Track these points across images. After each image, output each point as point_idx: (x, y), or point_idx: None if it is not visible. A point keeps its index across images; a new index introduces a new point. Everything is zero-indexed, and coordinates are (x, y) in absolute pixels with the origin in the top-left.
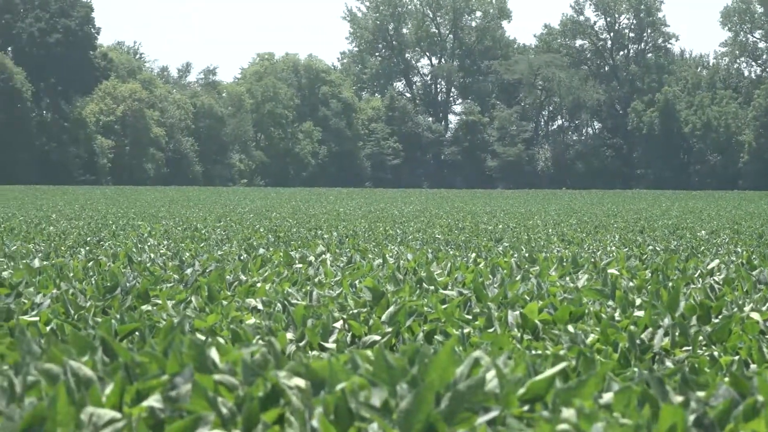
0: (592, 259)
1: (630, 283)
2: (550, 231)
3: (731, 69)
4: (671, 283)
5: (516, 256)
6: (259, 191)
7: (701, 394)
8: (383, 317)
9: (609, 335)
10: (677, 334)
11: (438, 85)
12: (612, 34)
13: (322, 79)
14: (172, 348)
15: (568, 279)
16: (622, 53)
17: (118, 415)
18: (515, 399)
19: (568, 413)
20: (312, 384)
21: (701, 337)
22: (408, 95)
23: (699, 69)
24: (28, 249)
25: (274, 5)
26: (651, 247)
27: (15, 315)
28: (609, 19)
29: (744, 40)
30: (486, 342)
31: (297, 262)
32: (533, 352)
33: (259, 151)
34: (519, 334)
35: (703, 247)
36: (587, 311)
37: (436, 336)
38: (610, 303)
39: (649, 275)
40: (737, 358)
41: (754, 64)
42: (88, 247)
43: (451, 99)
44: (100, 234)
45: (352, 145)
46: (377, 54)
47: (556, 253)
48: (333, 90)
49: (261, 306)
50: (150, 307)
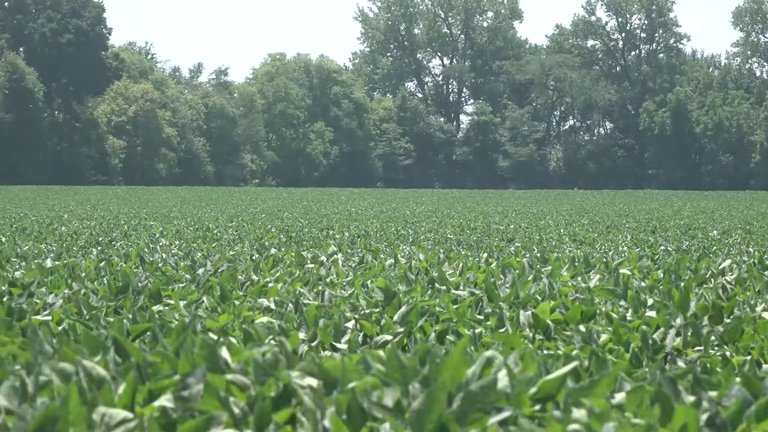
0: (603, 259)
1: (642, 283)
2: (561, 231)
3: (743, 69)
4: (683, 283)
5: (528, 256)
6: (271, 191)
7: (713, 394)
8: (395, 317)
9: (621, 335)
10: (689, 334)
11: (449, 86)
12: (623, 34)
13: (333, 80)
14: (183, 348)
15: (579, 279)
16: (633, 53)
17: (130, 415)
18: (527, 399)
19: (579, 413)
20: (324, 384)
21: (713, 337)
22: (419, 95)
23: (711, 69)
24: (40, 249)
25: (285, 5)
26: (663, 248)
27: (27, 315)
28: (620, 20)
29: (756, 40)
30: (497, 342)
31: (309, 262)
32: (545, 352)
33: (271, 152)
34: (531, 334)
35: (715, 247)
36: (599, 311)
37: (447, 336)
38: (622, 303)
39: (661, 275)
40: (749, 358)
41: (765, 64)
42: (100, 247)
43: (463, 99)
44: (111, 234)
45: (363, 146)
46: (389, 54)
47: (567, 253)
48: (344, 90)
49: (273, 306)
50: (162, 307)
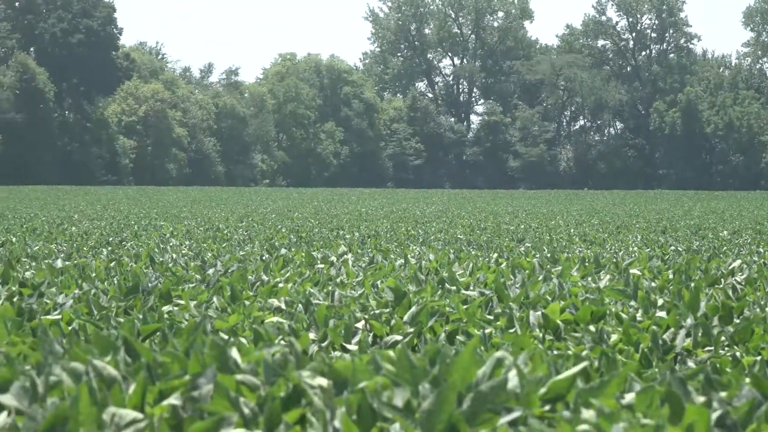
0: (614, 260)
1: (652, 284)
2: (572, 231)
3: (753, 69)
4: (693, 284)
5: (538, 256)
6: (281, 191)
7: (723, 394)
8: (405, 317)
9: (631, 335)
10: (699, 334)
11: (460, 86)
12: (634, 34)
13: (344, 80)
14: (194, 348)
15: (590, 279)
16: (644, 53)
17: (140, 416)
18: (536, 399)
19: (588, 414)
20: (334, 384)
21: (723, 338)
22: (430, 95)
23: (721, 69)
24: (50, 249)
25: (296, 5)
26: (673, 248)
27: (37, 315)
28: (631, 20)
29: (766, 40)
30: (507, 342)
31: (319, 262)
32: (555, 352)
33: (281, 152)
34: (541, 334)
35: (726, 248)
36: (609, 311)
37: (458, 336)
38: (632, 303)
39: (672, 276)
40: (759, 358)
41: None
42: (110, 248)
43: (473, 99)
44: (122, 234)
45: (374, 146)
46: (399, 54)
47: (578, 254)
48: (355, 90)
49: (283, 306)
50: (172, 308)
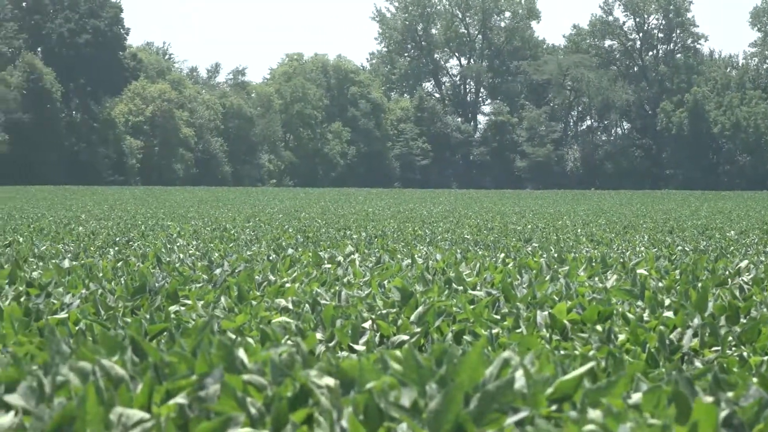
0: (621, 260)
1: (659, 284)
2: (579, 231)
3: (761, 69)
4: (700, 284)
5: (545, 256)
6: (288, 191)
7: (730, 394)
8: (412, 317)
9: (638, 335)
10: (706, 334)
11: (467, 86)
12: (641, 34)
13: (351, 80)
14: (201, 348)
15: (596, 279)
16: (651, 53)
17: (147, 416)
18: (543, 399)
19: (595, 414)
20: (341, 383)
21: (730, 338)
22: (437, 96)
23: (728, 69)
24: (57, 249)
25: (303, 5)
26: (680, 248)
27: (44, 315)
28: (638, 20)
29: None
30: (514, 342)
31: (326, 262)
32: (561, 352)
33: (288, 152)
34: (548, 334)
35: (733, 248)
36: (616, 311)
37: (464, 336)
38: (639, 303)
39: (679, 276)
40: (766, 358)
41: None
42: (117, 248)
43: (480, 99)
44: (129, 234)
45: (381, 146)
46: (406, 54)
47: (585, 254)
48: (362, 90)
49: (290, 306)
50: (179, 308)
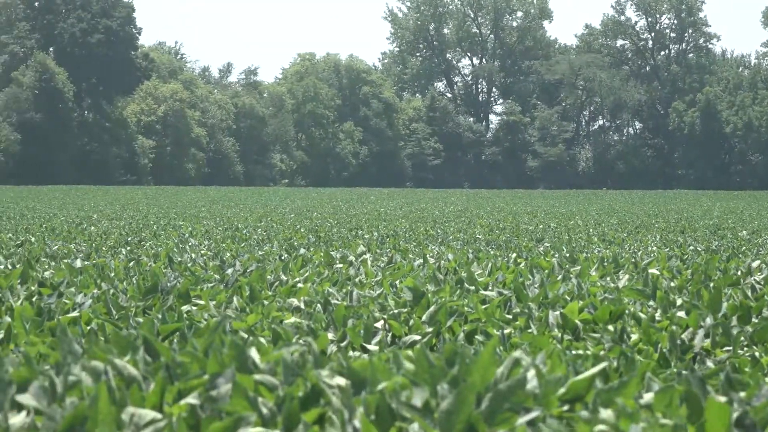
0: (632, 260)
1: (671, 284)
2: (590, 231)
3: None
4: (712, 284)
5: (557, 256)
6: (300, 191)
7: (742, 394)
8: (423, 317)
9: (650, 335)
10: (718, 334)
11: (479, 86)
12: (653, 34)
13: (363, 80)
14: (212, 348)
15: (608, 279)
16: (663, 53)
17: (159, 416)
18: (555, 399)
19: (606, 413)
20: (353, 383)
21: (742, 338)
22: (449, 95)
23: (740, 69)
24: (69, 249)
25: (315, 5)
26: (692, 248)
27: (56, 315)
28: (650, 19)
29: None
30: (526, 342)
31: (338, 262)
32: (573, 352)
33: (300, 151)
34: (559, 334)
35: (745, 248)
36: (628, 311)
37: (476, 336)
38: (650, 303)
39: (690, 276)
40: None
41: None
42: (129, 247)
43: (492, 99)
44: (141, 234)
45: (392, 146)
46: (418, 54)
47: (596, 253)
48: (374, 90)
49: (302, 306)
50: (191, 308)
